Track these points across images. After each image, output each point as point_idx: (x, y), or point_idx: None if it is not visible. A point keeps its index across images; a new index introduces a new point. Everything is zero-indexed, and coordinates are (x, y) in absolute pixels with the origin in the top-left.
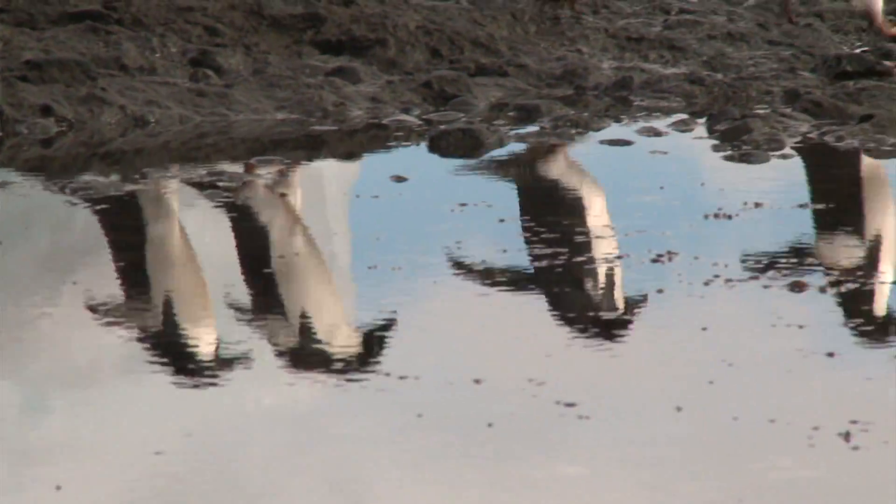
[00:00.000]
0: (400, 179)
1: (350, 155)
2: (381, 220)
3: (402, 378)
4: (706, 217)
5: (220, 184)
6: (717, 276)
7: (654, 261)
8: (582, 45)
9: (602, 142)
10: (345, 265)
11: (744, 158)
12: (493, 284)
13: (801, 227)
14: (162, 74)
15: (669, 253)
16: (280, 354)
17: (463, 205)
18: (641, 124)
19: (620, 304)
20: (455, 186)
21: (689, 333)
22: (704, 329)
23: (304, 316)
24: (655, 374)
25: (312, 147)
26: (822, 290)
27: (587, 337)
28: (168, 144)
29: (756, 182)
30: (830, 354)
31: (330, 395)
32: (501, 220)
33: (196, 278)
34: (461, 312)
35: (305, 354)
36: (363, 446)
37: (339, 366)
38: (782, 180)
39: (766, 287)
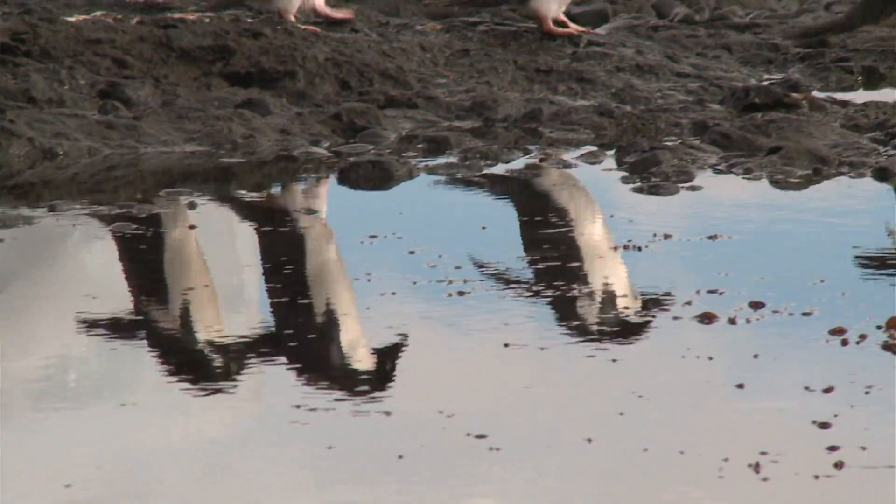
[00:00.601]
0: (310, 211)
1: (259, 187)
2: (290, 253)
3: (312, 410)
4: (615, 248)
5: (129, 215)
6: (626, 308)
7: (566, 293)
8: (491, 77)
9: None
10: (254, 299)
11: (653, 190)
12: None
13: (711, 258)
14: (70, 106)
15: (581, 283)
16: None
17: (373, 237)
18: (551, 155)
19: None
20: (364, 218)
21: (599, 366)
22: (614, 360)
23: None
24: (566, 406)
25: (222, 179)
26: (732, 321)
27: (500, 366)
28: (77, 177)
29: (665, 214)
30: (740, 386)
31: (242, 426)
32: (411, 252)
33: (103, 309)
34: (371, 341)
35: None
36: (274, 477)
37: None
38: (691, 212)
39: (675, 319)
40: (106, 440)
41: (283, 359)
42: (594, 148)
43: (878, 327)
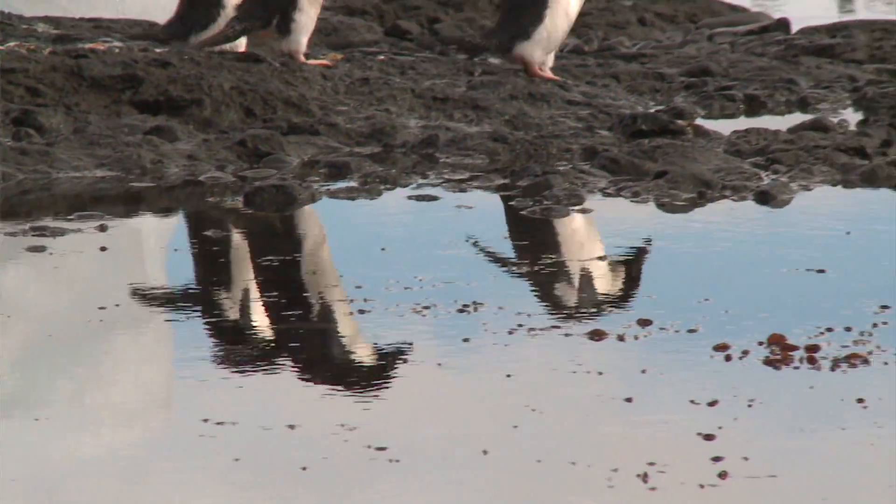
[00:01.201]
0: (217, 233)
1: (167, 210)
2: (199, 273)
3: (219, 424)
4: (511, 266)
5: (43, 238)
6: (520, 326)
7: (460, 311)
8: (389, 105)
9: (409, 197)
10: (162, 317)
11: (545, 213)
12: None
13: (601, 277)
14: None
15: (475, 303)
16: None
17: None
18: (447, 179)
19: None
20: (269, 240)
21: (495, 380)
22: (509, 376)
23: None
24: (462, 419)
25: (131, 203)
26: (621, 338)
27: (399, 382)
28: None
29: (557, 235)
30: (629, 399)
31: (151, 440)
32: (314, 272)
33: (23, 329)
34: (277, 361)
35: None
36: (183, 489)
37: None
38: (581, 233)
39: (567, 335)
40: (20, 454)
41: (190, 374)
42: (489, 172)
43: (760, 343)
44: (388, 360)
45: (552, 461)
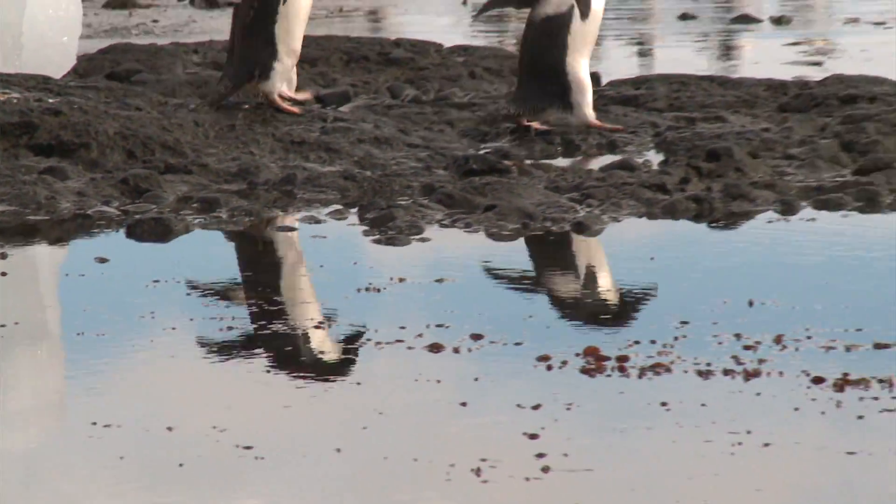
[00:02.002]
0: (102, 261)
1: (59, 240)
2: (87, 295)
3: (106, 426)
4: (359, 290)
5: None
6: (368, 340)
7: (316, 327)
8: (253, 148)
9: (271, 228)
10: (56, 333)
11: (389, 241)
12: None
13: (438, 298)
14: None
15: (329, 320)
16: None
17: (156, 281)
18: (304, 213)
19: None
20: (149, 266)
21: (346, 387)
22: (359, 383)
23: None
24: (319, 421)
25: (28, 234)
26: (456, 350)
27: (263, 389)
28: None
29: (400, 262)
30: (463, 404)
31: (44, 442)
32: (188, 294)
33: None
34: (156, 370)
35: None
36: (73, 486)
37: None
38: (422, 259)
39: (409, 348)
40: None
41: (81, 383)
42: (340, 206)
43: (577, 354)
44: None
45: (397, 458)
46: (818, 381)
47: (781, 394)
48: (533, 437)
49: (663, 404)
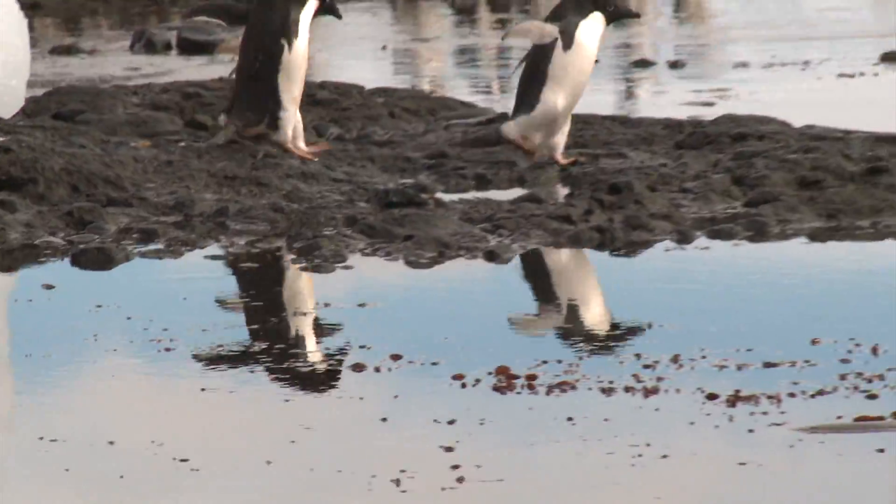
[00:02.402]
0: (49, 287)
1: (8, 269)
2: (34, 319)
3: (52, 441)
4: (286, 314)
5: None
6: (297, 360)
7: (247, 349)
8: (189, 182)
9: (206, 257)
10: (4, 355)
11: (315, 269)
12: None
13: (361, 321)
14: None
15: (258, 342)
16: None
17: (99, 306)
18: (237, 243)
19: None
20: (92, 292)
21: (276, 405)
22: (287, 400)
23: None
24: (250, 435)
25: None
26: (377, 369)
27: (198, 405)
28: None
29: (325, 287)
30: (384, 419)
31: None
32: (129, 318)
33: None
34: (99, 388)
35: None
36: (21, 498)
37: None
38: (345, 285)
39: (332, 368)
40: None
41: (29, 400)
42: (270, 237)
43: (489, 373)
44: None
45: (322, 470)
46: (712, 397)
47: (678, 409)
48: (448, 450)
49: (569, 419)
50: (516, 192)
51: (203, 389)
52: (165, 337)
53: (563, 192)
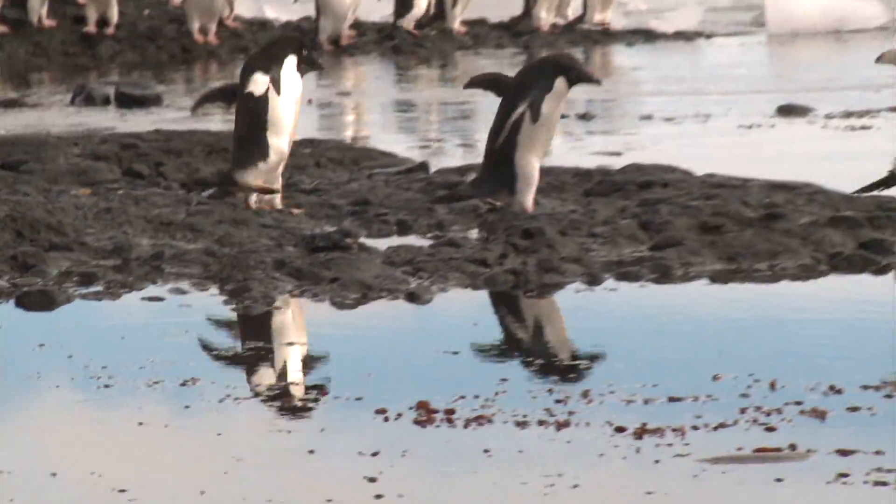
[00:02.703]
0: None
1: None
2: None
3: None
4: (219, 353)
5: None
6: (228, 396)
7: (182, 385)
8: (127, 228)
9: (143, 298)
10: None
11: (246, 310)
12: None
13: (289, 359)
14: None
15: (193, 379)
16: None
17: (41, 345)
18: (172, 285)
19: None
20: (35, 332)
21: (209, 438)
22: (220, 434)
23: None
24: (185, 467)
25: None
26: (305, 404)
27: (136, 439)
28: None
29: (255, 326)
30: (311, 451)
31: None
32: (70, 356)
33: None
34: (42, 423)
35: None
36: None
37: None
38: (276, 327)
39: (264, 403)
40: None
41: None
42: (203, 279)
43: (410, 408)
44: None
45: (254, 499)
46: (620, 430)
47: (588, 441)
48: (372, 480)
49: (485, 451)
50: (435, 237)
51: (140, 423)
52: (104, 374)
53: (479, 236)
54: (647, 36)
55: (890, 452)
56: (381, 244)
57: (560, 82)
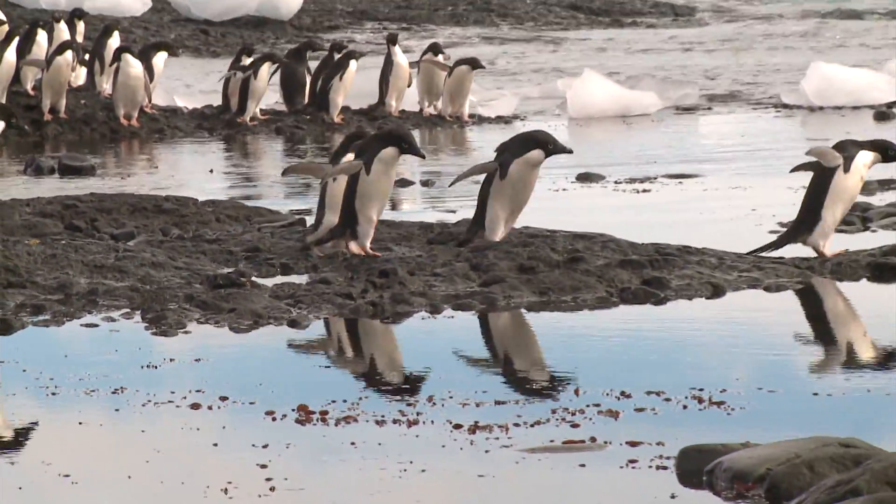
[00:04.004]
0: None
1: None
2: None
3: None
4: (142, 367)
5: None
6: (149, 401)
7: (114, 392)
8: (69, 270)
9: (81, 325)
10: None
11: (163, 333)
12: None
13: (196, 372)
14: None
15: (122, 388)
16: None
17: (1, 362)
18: (104, 315)
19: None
20: None
21: (135, 434)
22: (143, 431)
23: None
24: (115, 457)
25: None
26: (210, 408)
27: (77, 434)
28: None
29: (171, 347)
30: (215, 444)
31: None
32: (24, 370)
33: None
34: (1, 423)
35: None
36: None
37: None
38: (185, 345)
39: (177, 406)
40: None
41: None
42: (129, 310)
43: (293, 409)
44: None
45: (170, 482)
46: (457, 427)
47: (433, 436)
48: (263, 466)
49: (352, 444)
50: (311, 277)
51: (80, 423)
52: (52, 384)
53: (346, 276)
54: (477, 119)
55: (669, 444)
56: (269, 282)
57: (538, 152)
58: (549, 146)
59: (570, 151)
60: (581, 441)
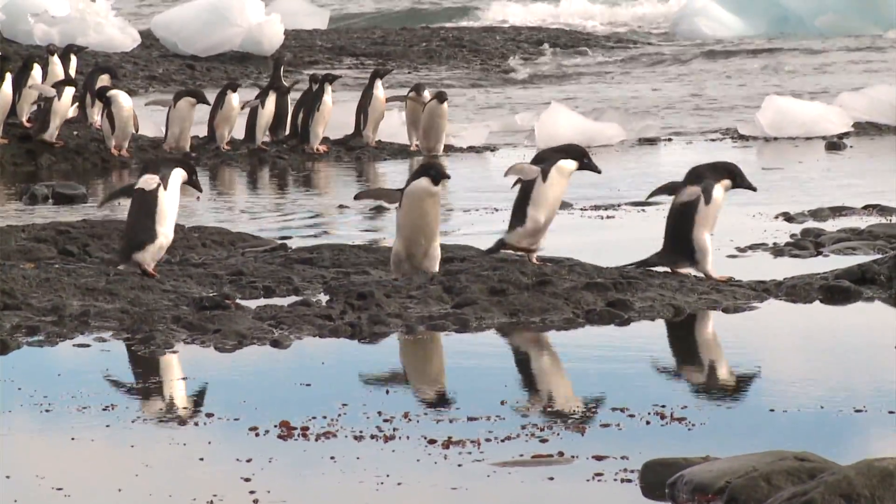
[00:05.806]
0: None
1: None
2: None
3: None
4: (132, 385)
5: None
6: (139, 417)
7: (105, 409)
8: (62, 293)
9: (74, 345)
10: None
11: (152, 353)
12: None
13: (183, 390)
14: None
15: (112, 405)
16: None
17: None
18: (96, 335)
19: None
20: None
21: (125, 449)
22: (133, 446)
23: None
24: (106, 471)
25: None
26: (196, 423)
27: (68, 450)
28: None
29: (159, 367)
30: (201, 458)
31: None
32: (19, 388)
33: None
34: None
35: None
36: None
37: None
38: (172, 365)
39: (160, 421)
40: None
41: None
42: (119, 331)
43: (275, 425)
44: None
45: (158, 494)
46: (432, 441)
47: (409, 450)
48: (247, 479)
49: (332, 458)
50: (292, 298)
51: (72, 438)
52: (45, 401)
53: (325, 298)
54: (450, 150)
55: (633, 457)
56: (252, 304)
57: (570, 161)
58: (585, 159)
59: (600, 171)
60: (549, 455)
